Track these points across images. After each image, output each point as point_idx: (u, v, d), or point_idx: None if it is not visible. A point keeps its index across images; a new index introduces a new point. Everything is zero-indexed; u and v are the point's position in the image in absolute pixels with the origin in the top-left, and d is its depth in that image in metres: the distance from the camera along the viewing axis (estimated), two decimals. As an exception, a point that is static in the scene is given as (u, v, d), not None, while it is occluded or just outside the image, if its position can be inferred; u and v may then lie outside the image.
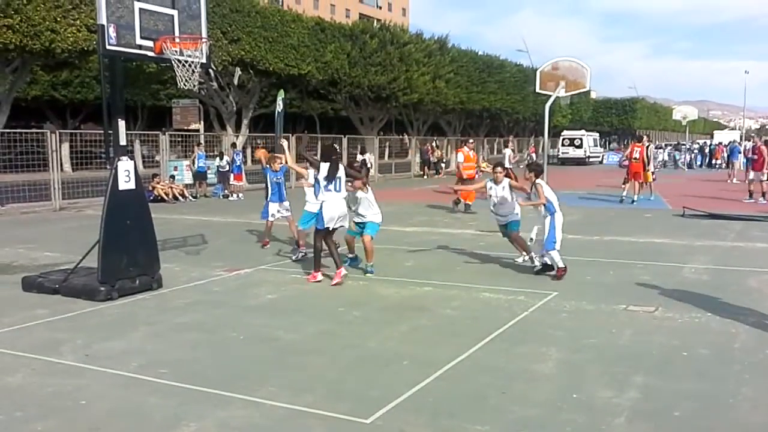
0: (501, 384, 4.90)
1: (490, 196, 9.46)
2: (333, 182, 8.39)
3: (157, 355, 5.64)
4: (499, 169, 9.58)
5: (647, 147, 20.14)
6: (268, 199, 11.18)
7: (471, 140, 19.22)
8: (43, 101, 36.16)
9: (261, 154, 12.77)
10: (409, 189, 26.21)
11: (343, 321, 6.72)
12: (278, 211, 11.15)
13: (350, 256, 9.43)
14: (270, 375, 5.14)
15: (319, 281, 8.37)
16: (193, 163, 22.19)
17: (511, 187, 9.36)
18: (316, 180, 8.60)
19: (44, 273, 8.52)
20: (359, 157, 28.46)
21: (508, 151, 25.37)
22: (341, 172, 8.51)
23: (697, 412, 4.38)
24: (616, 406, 4.47)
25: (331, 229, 8.44)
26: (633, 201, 18.23)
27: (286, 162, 10.51)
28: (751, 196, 18.85)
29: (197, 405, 4.59)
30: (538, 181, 8.94)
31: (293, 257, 10.13)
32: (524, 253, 9.40)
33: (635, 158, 18.40)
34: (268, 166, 11.39)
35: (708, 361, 5.41)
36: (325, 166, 8.41)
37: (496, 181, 9.37)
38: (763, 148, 19.30)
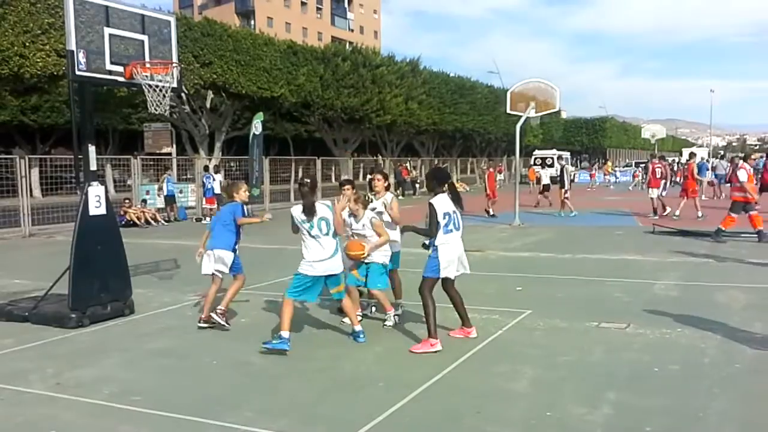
0: (476, 404, 4.92)
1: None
2: (452, 218, 6.50)
3: (129, 383, 5.57)
4: (378, 176, 7.69)
5: (563, 167, 22.14)
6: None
7: (753, 155, 16.12)
8: (12, 126, 35.73)
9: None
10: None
11: (317, 344, 6.70)
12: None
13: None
14: (244, 400, 5.10)
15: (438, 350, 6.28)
16: (160, 189, 22.10)
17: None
18: (436, 219, 6.39)
19: (13, 301, 8.38)
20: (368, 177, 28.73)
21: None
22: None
23: (669, 428, 4.44)
24: (590, 423, 4.51)
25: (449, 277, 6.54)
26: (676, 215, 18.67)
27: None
28: (655, 212, 19.41)
29: (170, 432, 4.54)
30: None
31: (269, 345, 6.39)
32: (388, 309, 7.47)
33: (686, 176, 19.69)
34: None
35: (678, 376, 5.48)
36: (444, 199, 6.48)
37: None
38: (653, 166, 20.13)
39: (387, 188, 7.76)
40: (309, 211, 6.30)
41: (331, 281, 6.49)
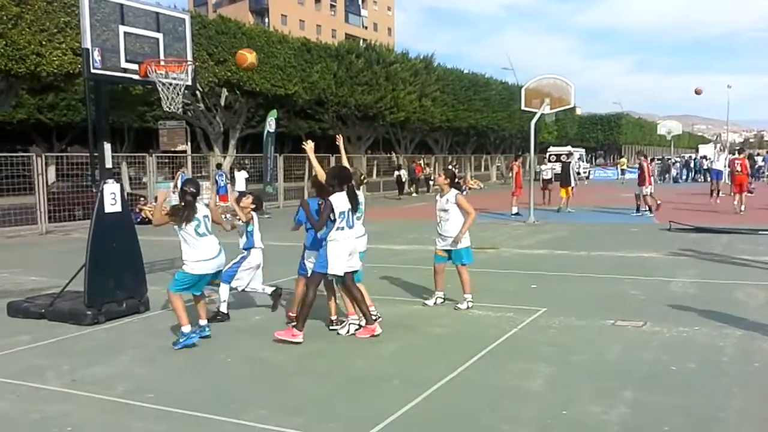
0: (491, 402, 4.89)
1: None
2: (346, 217, 6.59)
3: (144, 380, 5.59)
4: (441, 173, 8.13)
5: (569, 163, 22.58)
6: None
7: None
8: (29, 124, 36.07)
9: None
10: (398, 207, 26.27)
11: (331, 341, 6.69)
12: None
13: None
14: (259, 397, 5.10)
15: (299, 342, 6.47)
16: (175, 186, 22.11)
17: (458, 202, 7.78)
18: (327, 216, 6.45)
19: (30, 298, 8.45)
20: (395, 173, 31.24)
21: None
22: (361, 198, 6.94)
23: (687, 427, 4.38)
24: (606, 422, 4.47)
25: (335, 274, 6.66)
26: (742, 211, 18.58)
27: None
28: (638, 210, 19.48)
29: (186, 430, 4.54)
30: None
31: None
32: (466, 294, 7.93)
33: (738, 170, 19.26)
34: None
35: (696, 374, 5.42)
36: (342, 198, 6.54)
37: (442, 192, 7.92)
38: (645, 164, 19.88)
39: (450, 185, 7.85)
40: (188, 216, 6.58)
41: (216, 276, 6.97)
